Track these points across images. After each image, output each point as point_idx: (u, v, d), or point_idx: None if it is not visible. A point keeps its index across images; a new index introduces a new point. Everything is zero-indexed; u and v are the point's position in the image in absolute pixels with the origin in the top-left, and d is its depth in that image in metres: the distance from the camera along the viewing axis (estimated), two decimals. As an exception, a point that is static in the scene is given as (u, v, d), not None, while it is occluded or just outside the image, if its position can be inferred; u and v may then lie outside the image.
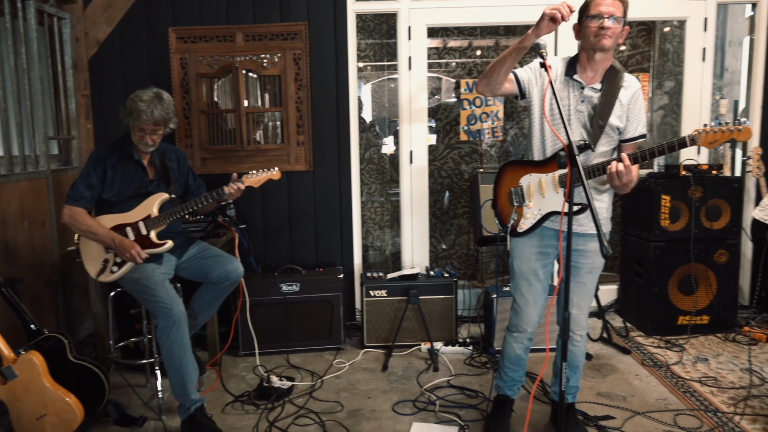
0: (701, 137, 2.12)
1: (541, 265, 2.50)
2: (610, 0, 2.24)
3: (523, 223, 2.45)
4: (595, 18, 2.24)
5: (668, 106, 4.90)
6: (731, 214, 3.84)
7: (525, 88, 2.41)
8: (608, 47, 2.27)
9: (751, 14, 4.29)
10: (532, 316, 2.54)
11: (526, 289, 2.52)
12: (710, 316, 3.86)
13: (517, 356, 2.63)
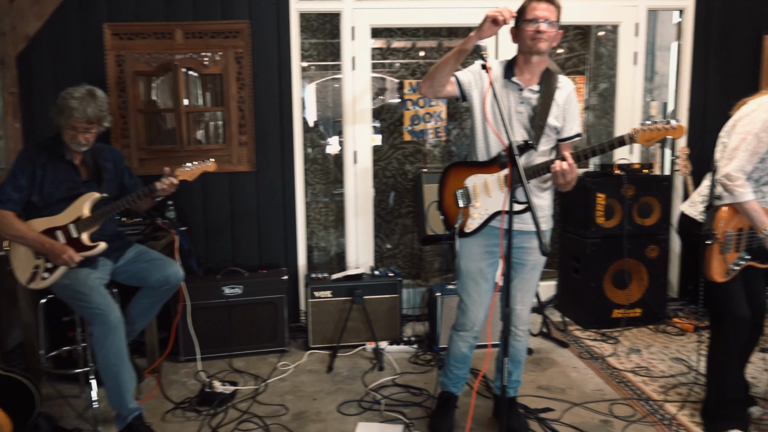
0: (639, 135, 2.20)
1: (487, 264, 2.54)
2: (545, 5, 2.30)
3: (471, 224, 2.49)
4: (532, 22, 2.30)
5: (602, 107, 5.08)
6: (661, 211, 4.02)
7: (466, 90, 2.45)
8: (544, 50, 2.34)
9: (679, 20, 4.50)
10: (478, 315, 2.58)
11: (473, 289, 2.56)
12: (642, 309, 4.03)
13: (463, 354, 2.67)
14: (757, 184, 2.48)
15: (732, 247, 2.51)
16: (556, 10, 2.33)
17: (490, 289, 2.57)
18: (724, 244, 2.50)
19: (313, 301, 3.70)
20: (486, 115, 2.42)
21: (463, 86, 2.44)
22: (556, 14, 2.33)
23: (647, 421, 2.78)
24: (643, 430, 2.71)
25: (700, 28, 4.38)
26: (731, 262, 2.51)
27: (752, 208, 2.40)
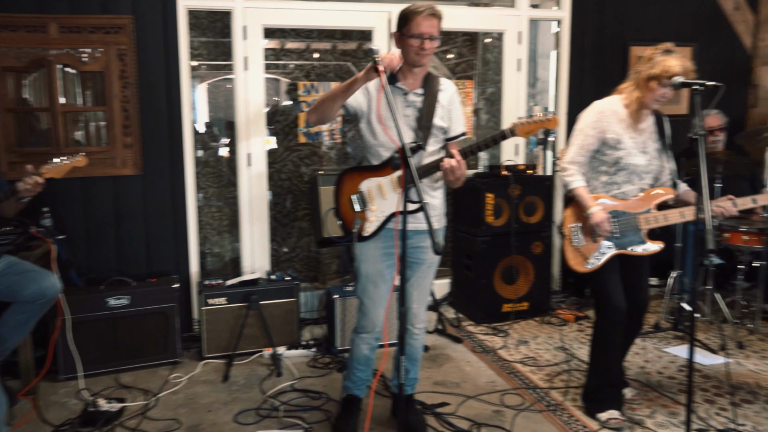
0: (519, 128, 2.34)
1: (386, 266, 2.57)
2: (429, 21, 2.35)
3: (368, 227, 2.51)
4: (417, 38, 2.36)
5: (490, 111, 5.31)
6: (544, 209, 4.26)
7: (352, 107, 2.49)
8: (426, 63, 2.44)
9: (557, 31, 4.79)
10: (379, 317, 2.61)
11: (373, 291, 2.58)
12: (529, 302, 4.25)
13: (366, 357, 2.68)
14: (609, 177, 2.71)
15: (584, 239, 2.73)
16: (439, 23, 2.40)
17: (388, 290, 2.61)
18: (572, 237, 2.75)
19: (206, 309, 3.57)
20: (381, 118, 2.45)
21: (351, 109, 2.49)
22: (439, 26, 2.40)
23: (535, 409, 2.93)
24: (531, 417, 2.86)
25: (576, 38, 4.69)
26: (593, 253, 2.72)
27: (579, 193, 2.70)
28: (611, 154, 2.68)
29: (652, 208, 2.67)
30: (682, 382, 3.17)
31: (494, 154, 4.96)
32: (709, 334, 3.87)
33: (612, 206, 2.70)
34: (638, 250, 2.70)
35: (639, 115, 2.67)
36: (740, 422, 2.75)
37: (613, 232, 2.69)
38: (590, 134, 2.70)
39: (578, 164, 2.73)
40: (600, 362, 2.81)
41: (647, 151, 2.70)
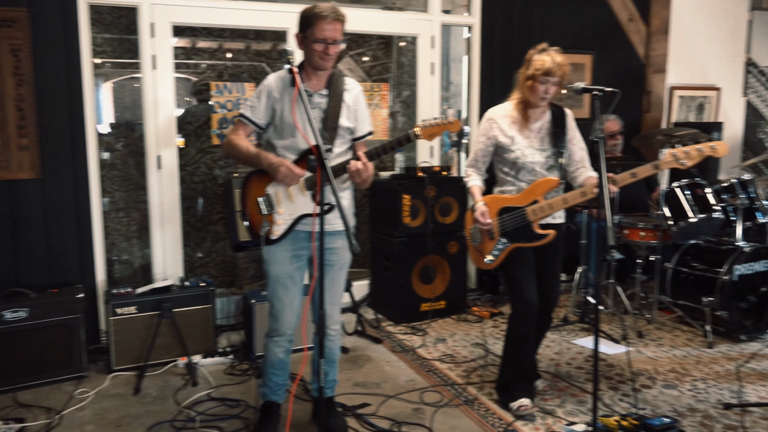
0: (423, 131, 2.40)
1: (296, 268, 2.56)
2: (332, 26, 2.36)
3: (276, 230, 2.49)
4: (320, 42, 2.36)
5: (406, 113, 5.39)
6: (459, 210, 4.38)
7: (261, 122, 2.53)
8: (330, 66, 2.46)
9: (468, 36, 4.94)
10: (291, 319, 2.59)
11: (284, 293, 2.56)
12: (446, 301, 4.35)
13: (281, 360, 2.65)
14: (515, 177, 2.85)
15: (482, 238, 2.88)
16: (343, 26, 2.41)
17: (299, 292, 2.60)
18: (472, 237, 2.93)
19: (115, 319, 3.40)
20: (295, 121, 2.43)
21: (259, 123, 2.51)
22: (342, 30, 2.41)
23: (453, 404, 3.00)
24: (450, 412, 2.93)
25: (486, 44, 4.85)
26: (490, 249, 2.85)
27: (472, 192, 2.91)
28: (509, 155, 2.82)
29: (539, 199, 2.77)
30: (588, 372, 3.35)
31: (410, 156, 5.04)
32: (612, 325, 4.11)
33: (503, 202, 2.83)
34: (532, 241, 2.81)
35: (528, 115, 2.81)
36: (641, 406, 2.94)
37: (505, 229, 2.81)
38: (481, 140, 2.89)
39: (475, 168, 2.93)
40: (512, 355, 2.92)
41: (545, 148, 2.82)
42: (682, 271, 4.06)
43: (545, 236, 2.78)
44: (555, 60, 2.69)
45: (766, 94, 6.23)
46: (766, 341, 3.78)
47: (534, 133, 2.83)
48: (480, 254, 2.91)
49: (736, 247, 3.85)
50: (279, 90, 2.48)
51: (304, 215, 2.48)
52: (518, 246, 2.82)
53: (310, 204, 2.47)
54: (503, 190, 2.89)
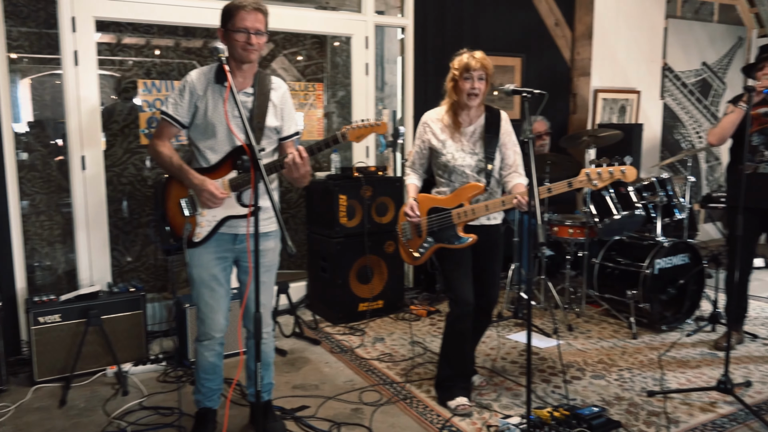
0: (350, 132, 2.41)
1: (220, 269, 2.52)
2: (254, 15, 2.33)
3: (200, 232, 2.44)
4: (241, 32, 2.33)
5: (341, 114, 5.38)
6: (395, 209, 4.41)
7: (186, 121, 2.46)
8: (255, 59, 2.41)
9: (402, 37, 4.99)
10: (219, 322, 2.54)
11: (210, 296, 2.51)
12: (384, 300, 4.38)
13: (212, 364, 2.59)
14: (448, 179, 2.90)
15: (412, 234, 2.97)
16: (265, 18, 2.39)
17: (226, 293, 2.56)
18: (402, 234, 3.01)
19: (37, 329, 3.23)
20: (227, 120, 2.39)
21: (183, 121, 2.45)
22: (265, 22, 2.39)
23: (392, 403, 3.02)
24: (389, 411, 2.95)
25: (419, 45, 4.92)
26: (417, 246, 2.94)
27: (406, 189, 3.01)
28: (440, 159, 2.89)
29: (465, 203, 2.84)
30: (523, 366, 3.45)
31: (346, 157, 5.04)
32: (544, 319, 4.25)
33: (433, 202, 2.89)
34: (454, 243, 2.87)
35: (459, 120, 2.87)
36: (572, 397, 3.06)
37: (431, 229, 2.88)
38: (417, 143, 3.00)
39: (413, 169, 3.03)
40: (450, 352, 2.97)
41: (477, 152, 2.88)
42: (607, 266, 4.25)
43: (466, 240, 2.85)
44: (473, 56, 2.77)
45: (681, 97, 6.61)
46: (684, 331, 4.01)
47: (467, 137, 2.88)
48: (408, 250, 2.99)
49: (657, 242, 4.06)
50: (202, 87, 2.42)
51: (228, 217, 2.44)
52: (443, 246, 2.88)
53: (235, 206, 2.44)
54: (439, 191, 2.95)
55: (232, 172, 2.42)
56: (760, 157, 3.39)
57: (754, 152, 3.40)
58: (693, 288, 4.13)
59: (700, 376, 3.29)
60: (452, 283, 2.88)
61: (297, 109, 4.91)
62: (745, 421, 2.78)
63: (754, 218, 3.43)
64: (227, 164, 2.42)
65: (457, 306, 2.87)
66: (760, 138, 3.37)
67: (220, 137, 2.41)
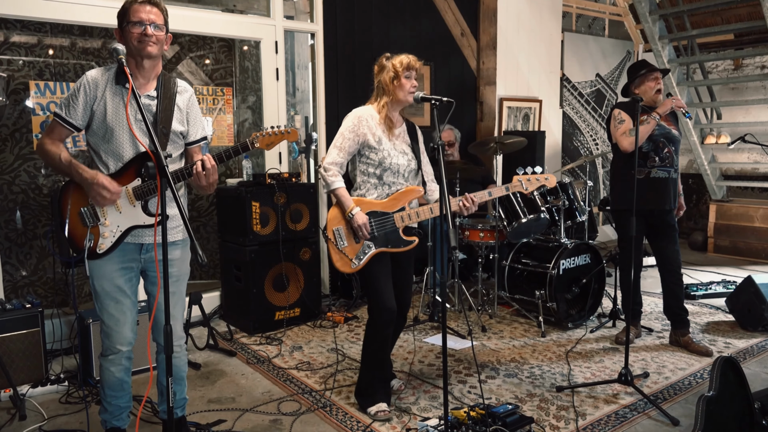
0: (260, 140, 2.39)
1: (125, 281, 2.41)
2: (149, 7, 2.28)
3: (103, 243, 2.33)
4: (137, 24, 2.26)
5: (253, 120, 5.29)
6: (310, 216, 4.39)
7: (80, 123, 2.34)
8: (155, 54, 2.32)
9: (312, 43, 4.98)
10: (126, 335, 2.44)
11: (115, 308, 2.40)
12: (301, 308, 4.34)
13: (119, 380, 2.47)
14: (379, 179, 2.89)
15: (347, 240, 2.88)
16: (162, 13, 2.33)
17: (132, 305, 2.46)
18: (336, 240, 2.88)
19: None
20: (129, 124, 2.28)
21: (76, 124, 2.33)
22: (163, 18, 2.33)
23: (311, 411, 3.00)
24: (308, 420, 2.92)
25: (329, 52, 4.94)
26: (356, 253, 2.88)
27: (340, 194, 2.85)
28: (375, 155, 2.87)
29: (406, 206, 2.89)
30: (439, 368, 3.53)
31: (259, 163, 4.96)
32: (459, 321, 4.37)
33: (371, 206, 2.88)
34: (400, 247, 2.91)
35: (392, 120, 2.91)
36: (487, 396, 3.16)
37: (372, 233, 2.86)
38: (348, 137, 2.87)
39: (338, 165, 2.88)
40: (372, 358, 2.98)
41: (406, 152, 2.94)
42: (516, 268, 4.44)
43: (411, 242, 2.90)
44: (410, 56, 2.86)
45: (578, 106, 7.04)
46: (588, 327, 4.25)
47: (396, 138, 2.93)
48: (345, 257, 2.89)
49: (561, 243, 4.29)
50: (100, 88, 2.31)
51: (133, 227, 2.34)
52: (383, 251, 2.89)
53: (140, 215, 2.34)
54: (364, 194, 2.91)
55: (136, 180, 2.33)
56: (652, 163, 3.67)
57: (645, 158, 3.68)
58: (595, 286, 4.39)
59: (604, 370, 3.51)
60: (376, 290, 2.88)
61: (206, 114, 4.80)
62: (644, 410, 2.99)
63: (641, 220, 3.71)
64: (131, 171, 2.33)
65: (380, 313, 2.87)
66: (649, 145, 3.65)
67: (121, 143, 2.31)
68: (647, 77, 3.68)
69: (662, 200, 3.71)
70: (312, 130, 5.13)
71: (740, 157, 7.23)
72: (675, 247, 3.81)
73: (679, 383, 3.31)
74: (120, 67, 2.20)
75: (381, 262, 2.90)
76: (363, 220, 2.81)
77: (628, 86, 3.80)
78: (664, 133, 3.67)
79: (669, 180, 3.69)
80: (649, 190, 3.67)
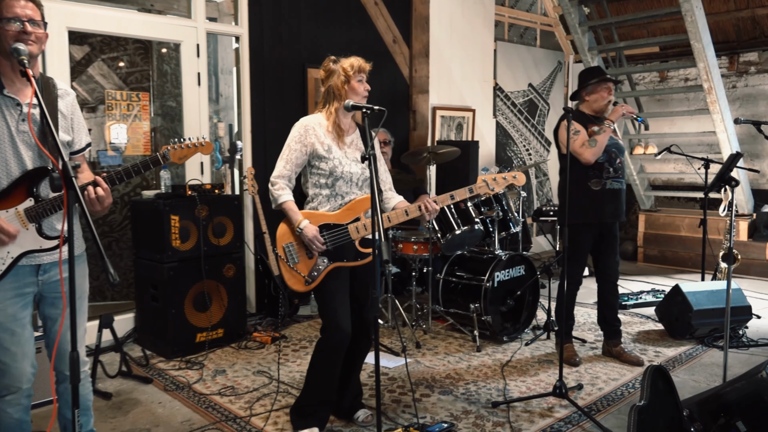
0: (171, 153, 2.31)
1: (20, 308, 2.23)
2: (24, 2, 2.15)
3: None
4: (12, 21, 2.12)
5: (171, 127, 5.13)
6: (234, 230, 4.28)
7: None
8: (36, 54, 2.18)
9: (237, 46, 4.90)
10: (25, 371, 2.25)
11: (11, 341, 2.21)
12: (224, 329, 4.21)
13: (18, 421, 2.29)
14: (331, 189, 2.82)
15: (299, 256, 2.80)
16: (38, 8, 2.20)
17: (30, 336, 2.27)
18: (287, 257, 2.79)
19: None
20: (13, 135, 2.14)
21: None
22: (40, 13, 2.20)
23: (236, 440, 2.90)
24: (232, 450, 2.82)
25: (255, 56, 4.87)
26: (309, 270, 2.79)
27: (288, 207, 2.78)
28: (325, 165, 2.80)
29: (362, 217, 2.82)
30: (372, 387, 3.50)
31: (179, 173, 4.81)
32: (393, 338, 4.37)
33: (322, 219, 2.80)
34: (357, 260, 2.84)
35: (342, 127, 2.85)
36: (421, 415, 3.16)
37: (327, 245, 2.78)
38: (295, 148, 2.80)
39: (286, 178, 2.81)
40: (315, 380, 2.88)
41: (359, 160, 2.87)
42: (451, 281, 4.49)
43: (369, 255, 2.83)
44: (360, 59, 2.85)
45: (511, 116, 7.24)
46: (523, 340, 4.34)
47: (348, 146, 2.87)
48: (297, 274, 2.79)
49: (495, 255, 4.37)
50: None
51: (27, 252, 2.19)
52: (339, 265, 2.82)
53: (35, 238, 2.20)
54: (317, 207, 2.84)
55: (28, 200, 2.17)
56: (607, 174, 3.77)
57: (601, 169, 3.75)
58: (529, 298, 4.50)
59: (539, 383, 3.58)
60: (330, 308, 2.79)
61: (120, 121, 4.62)
62: (579, 423, 3.07)
63: (593, 232, 3.81)
64: (20, 191, 2.17)
65: (334, 334, 2.78)
66: (603, 156, 3.73)
67: (6, 159, 2.15)
68: (601, 86, 3.76)
69: (618, 212, 3.81)
70: (236, 138, 5.03)
71: (667, 168, 7.64)
72: (616, 258, 3.93)
73: (612, 394, 3.41)
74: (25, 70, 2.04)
75: (338, 278, 2.82)
76: (313, 233, 2.73)
77: (578, 91, 3.88)
78: (614, 143, 3.78)
79: (622, 191, 3.81)
80: (607, 203, 3.75)
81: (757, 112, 6.88)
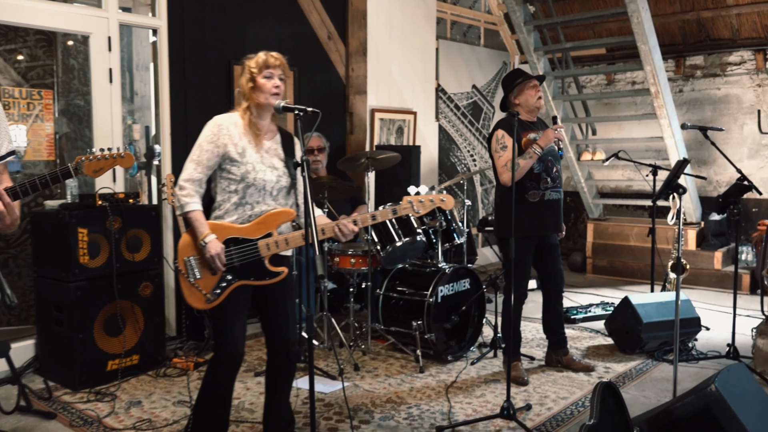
0: (85, 165, 2.24)
1: None
2: None
3: None
4: None
5: (79, 129, 4.97)
6: (152, 244, 4.17)
7: None
8: None
9: (154, 40, 4.79)
10: None
11: None
12: (140, 355, 4.09)
13: None
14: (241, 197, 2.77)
15: (201, 271, 2.73)
16: None
17: None
18: (188, 271, 2.73)
19: None
20: None
21: None
22: None
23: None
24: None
25: (176, 51, 4.78)
26: (212, 287, 2.74)
27: (194, 218, 2.72)
28: (237, 169, 2.75)
29: (274, 232, 2.79)
30: (306, 415, 3.47)
31: (87, 181, 4.65)
32: (329, 360, 4.34)
33: (230, 232, 2.75)
34: (265, 279, 2.80)
35: (258, 128, 2.82)
36: (361, 443, 3.15)
37: (231, 264, 2.73)
38: (207, 149, 2.74)
39: (196, 182, 2.74)
40: (205, 408, 2.83)
41: (276, 167, 2.84)
42: (392, 297, 4.51)
43: (279, 273, 2.79)
44: (271, 54, 2.79)
45: (455, 119, 7.37)
46: (469, 359, 4.40)
47: (265, 152, 2.83)
48: (197, 291, 2.73)
49: (439, 269, 4.42)
50: None
51: None
52: (245, 284, 2.77)
53: None
54: (223, 216, 2.79)
55: None
56: (545, 185, 3.88)
57: (538, 180, 3.87)
58: (475, 314, 4.57)
59: (486, 404, 3.64)
60: (225, 328, 2.76)
61: (19, 122, 4.46)
62: (527, 445, 3.13)
63: (532, 244, 3.93)
64: None
65: (226, 357, 2.76)
66: (540, 165, 3.85)
67: None
68: (526, 86, 3.91)
69: (557, 223, 3.97)
70: (154, 142, 4.91)
71: (615, 174, 7.94)
72: (559, 266, 4.09)
73: (562, 413, 3.51)
74: None
75: (239, 297, 2.79)
76: (216, 250, 2.67)
77: (506, 97, 4.01)
78: (550, 150, 3.89)
79: (560, 201, 3.96)
80: (546, 216, 3.88)
81: (703, 117, 7.25)
